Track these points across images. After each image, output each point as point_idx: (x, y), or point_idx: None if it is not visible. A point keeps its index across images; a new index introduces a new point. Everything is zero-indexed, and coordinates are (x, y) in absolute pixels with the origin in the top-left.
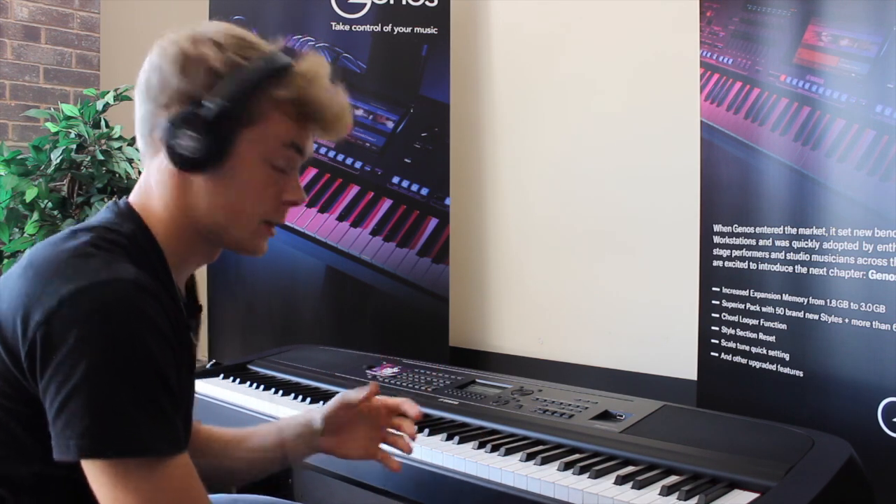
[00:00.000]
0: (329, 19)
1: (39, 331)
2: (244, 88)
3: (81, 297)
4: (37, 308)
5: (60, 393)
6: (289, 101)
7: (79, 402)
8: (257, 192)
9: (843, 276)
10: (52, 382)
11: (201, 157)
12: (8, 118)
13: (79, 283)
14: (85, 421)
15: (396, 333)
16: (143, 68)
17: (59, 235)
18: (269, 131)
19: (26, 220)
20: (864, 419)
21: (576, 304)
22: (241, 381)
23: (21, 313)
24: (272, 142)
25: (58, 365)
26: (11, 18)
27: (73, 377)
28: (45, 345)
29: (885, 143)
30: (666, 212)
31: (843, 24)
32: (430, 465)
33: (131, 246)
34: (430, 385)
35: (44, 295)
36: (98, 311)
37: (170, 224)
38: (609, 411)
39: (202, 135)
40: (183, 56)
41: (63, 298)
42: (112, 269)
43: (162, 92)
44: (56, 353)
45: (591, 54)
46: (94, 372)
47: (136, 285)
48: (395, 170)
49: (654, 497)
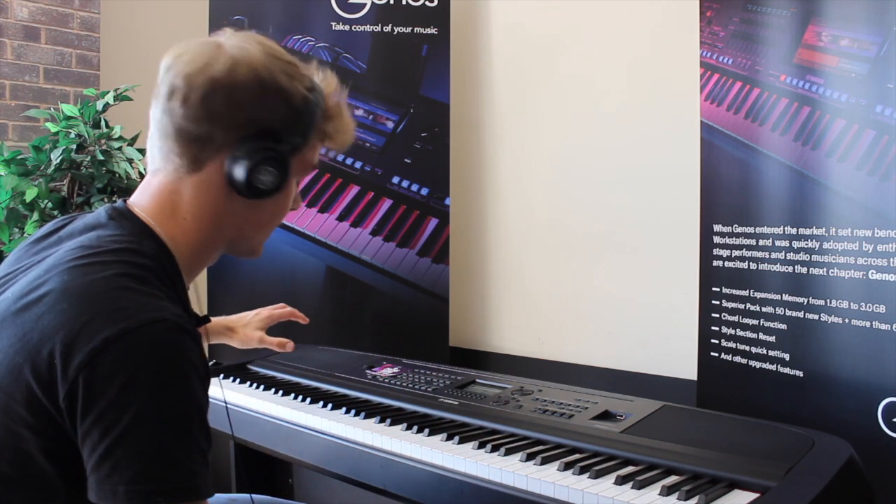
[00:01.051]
0: (329, 19)
1: (83, 373)
2: (311, 125)
3: (127, 339)
4: (79, 347)
5: (106, 438)
6: (328, 132)
7: (127, 449)
8: (286, 210)
9: (843, 276)
10: (95, 427)
11: (273, 190)
12: (8, 118)
13: (124, 325)
14: (135, 467)
15: (396, 333)
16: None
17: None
18: (309, 158)
19: (26, 220)
20: (864, 419)
21: (576, 304)
22: (241, 381)
23: (60, 349)
24: (309, 168)
25: (104, 410)
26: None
27: (121, 423)
28: (88, 387)
29: (885, 143)
30: (666, 212)
31: (843, 24)
32: (430, 465)
33: (157, 268)
34: (430, 385)
35: (85, 333)
36: (145, 356)
37: (198, 239)
38: (609, 411)
39: (282, 171)
40: (261, 84)
41: (109, 339)
42: (154, 308)
43: (231, 116)
44: (101, 397)
45: (591, 54)
46: (144, 418)
47: (179, 327)
48: (395, 170)
49: (654, 497)
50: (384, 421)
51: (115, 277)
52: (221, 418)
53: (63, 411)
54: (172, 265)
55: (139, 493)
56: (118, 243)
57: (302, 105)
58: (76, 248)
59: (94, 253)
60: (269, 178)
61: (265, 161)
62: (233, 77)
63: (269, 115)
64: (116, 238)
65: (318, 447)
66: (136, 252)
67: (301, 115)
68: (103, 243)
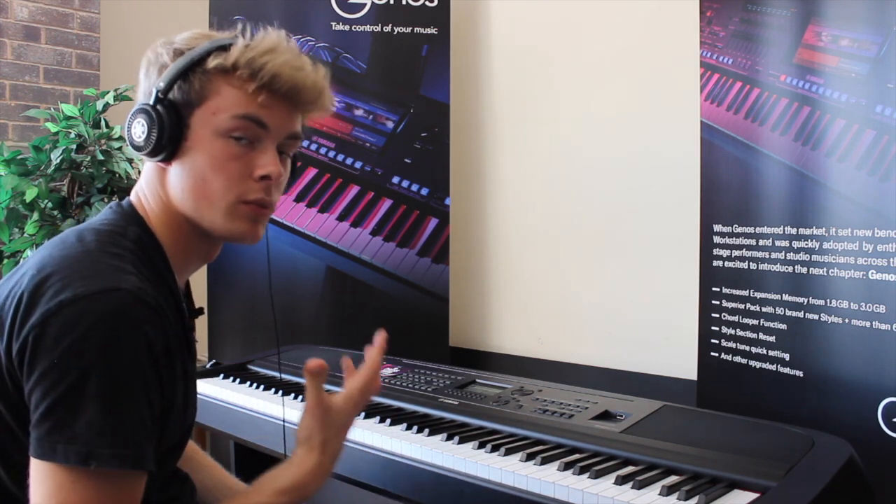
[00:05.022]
0: (329, 19)
1: (33, 332)
2: (184, 68)
3: (80, 303)
4: (36, 308)
5: (48, 397)
6: (232, 71)
7: (68, 409)
8: (218, 168)
9: (843, 276)
10: (39, 384)
11: (156, 143)
12: (8, 118)
13: (80, 290)
14: (74, 428)
15: (396, 333)
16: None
17: (65, 236)
18: (218, 105)
19: (26, 220)
20: (864, 419)
21: (576, 304)
22: (241, 381)
23: (22, 310)
24: (222, 114)
25: (48, 369)
26: (11, 18)
27: (63, 383)
28: (35, 346)
29: (885, 143)
30: (666, 212)
31: (843, 24)
32: (430, 465)
33: (138, 250)
34: (430, 385)
35: (45, 297)
36: (95, 321)
37: (162, 219)
38: (609, 411)
39: (149, 120)
40: (146, 61)
41: (63, 303)
42: (115, 279)
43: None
44: (46, 356)
45: (591, 55)
46: (86, 381)
47: (137, 297)
48: (395, 170)
49: (654, 497)
50: (384, 421)
51: (87, 252)
52: (222, 418)
53: (15, 367)
54: (157, 250)
55: (75, 454)
56: (103, 226)
57: (171, 59)
58: (67, 231)
59: (77, 232)
60: (138, 129)
61: (133, 116)
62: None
63: (148, 82)
64: (104, 222)
65: None
66: (119, 235)
67: (166, 67)
68: (90, 226)
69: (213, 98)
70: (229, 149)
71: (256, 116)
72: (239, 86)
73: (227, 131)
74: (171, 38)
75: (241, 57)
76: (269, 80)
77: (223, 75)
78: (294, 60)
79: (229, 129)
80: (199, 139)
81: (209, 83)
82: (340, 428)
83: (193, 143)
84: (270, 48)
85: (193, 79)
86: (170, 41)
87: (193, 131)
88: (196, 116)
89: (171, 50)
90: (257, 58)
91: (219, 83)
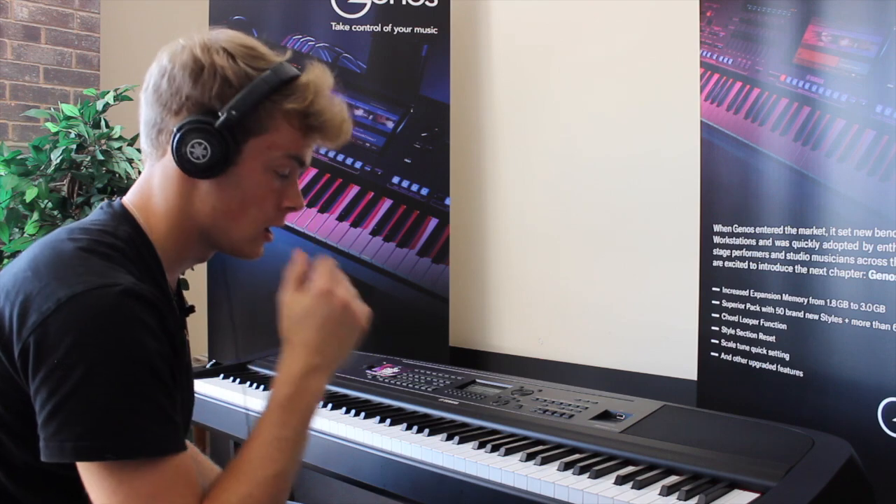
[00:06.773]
0: (329, 19)
1: (34, 334)
2: (254, 99)
3: (77, 301)
4: (33, 310)
5: (54, 396)
6: (295, 112)
7: (75, 407)
8: (260, 199)
9: (843, 276)
10: (44, 385)
11: (210, 165)
12: (8, 118)
13: (76, 288)
14: (83, 424)
15: (396, 333)
16: (152, 71)
17: (56, 236)
18: (275, 141)
19: (26, 220)
20: (864, 419)
21: (576, 304)
22: (241, 381)
23: (18, 311)
24: (277, 151)
25: (52, 368)
26: (11, 18)
27: (68, 381)
28: (38, 347)
29: (885, 143)
30: (666, 212)
31: (843, 24)
32: (430, 465)
33: (128, 249)
34: (430, 385)
35: (40, 297)
36: (93, 316)
37: (170, 225)
38: (609, 411)
39: (213, 144)
40: (196, 64)
41: (60, 302)
42: (108, 276)
43: (173, 97)
44: (50, 356)
45: (591, 54)
46: (91, 376)
47: (132, 292)
48: (395, 170)
49: (654, 497)
50: (384, 421)
51: (79, 250)
52: (222, 418)
53: (19, 371)
54: (148, 249)
55: (87, 450)
56: (94, 226)
57: (240, 80)
58: (58, 231)
59: (67, 232)
60: (199, 149)
61: (192, 132)
62: (174, 61)
63: (204, 93)
64: (95, 222)
65: (318, 447)
66: (110, 234)
67: (236, 88)
68: (81, 225)
69: (272, 133)
70: (272, 183)
71: (301, 156)
72: (298, 127)
73: (277, 167)
74: (214, 40)
75: (311, 105)
76: (325, 126)
77: (288, 114)
78: (342, 107)
79: (280, 166)
80: (248, 168)
81: (273, 119)
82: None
83: (241, 168)
84: (327, 92)
85: (261, 108)
86: (220, 47)
87: (244, 158)
88: (251, 144)
89: (235, 67)
90: (319, 104)
91: (281, 120)
